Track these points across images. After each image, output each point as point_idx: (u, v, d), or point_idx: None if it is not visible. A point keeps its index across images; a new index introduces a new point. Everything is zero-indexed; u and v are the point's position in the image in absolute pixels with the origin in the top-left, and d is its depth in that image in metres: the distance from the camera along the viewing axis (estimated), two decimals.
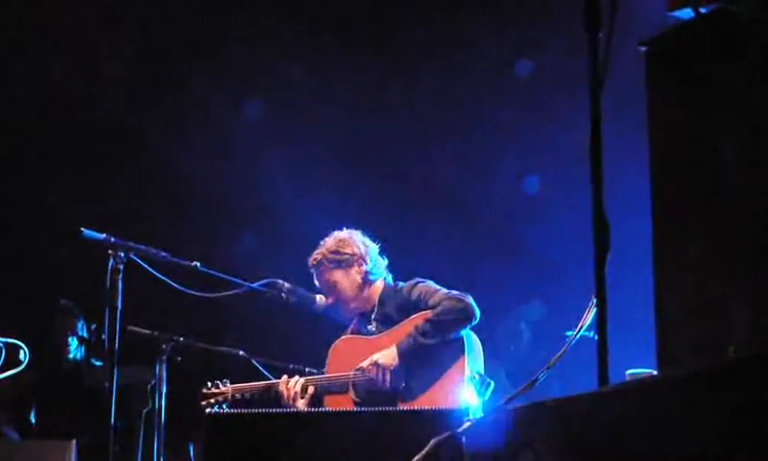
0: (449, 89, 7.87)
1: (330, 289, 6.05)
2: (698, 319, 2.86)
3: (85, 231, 5.60)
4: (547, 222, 7.38)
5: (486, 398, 5.61)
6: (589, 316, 3.46)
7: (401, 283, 6.04)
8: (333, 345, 5.99)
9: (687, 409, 2.37)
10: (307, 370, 6.01)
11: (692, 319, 2.87)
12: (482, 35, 7.74)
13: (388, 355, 5.73)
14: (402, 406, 5.64)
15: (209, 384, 6.05)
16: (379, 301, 6.02)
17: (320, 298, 6.07)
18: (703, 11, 2.99)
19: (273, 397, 5.91)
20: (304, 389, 5.86)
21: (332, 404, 5.78)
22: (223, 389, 6.03)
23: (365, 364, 5.76)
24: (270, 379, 5.99)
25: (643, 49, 3.04)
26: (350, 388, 5.81)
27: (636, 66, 3.05)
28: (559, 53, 7.06)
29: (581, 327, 3.69)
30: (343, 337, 6.04)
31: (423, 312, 5.76)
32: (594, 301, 2.99)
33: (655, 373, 3.06)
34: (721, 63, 2.91)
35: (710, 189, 2.88)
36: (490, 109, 7.79)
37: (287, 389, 5.84)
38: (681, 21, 3.04)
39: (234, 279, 6.01)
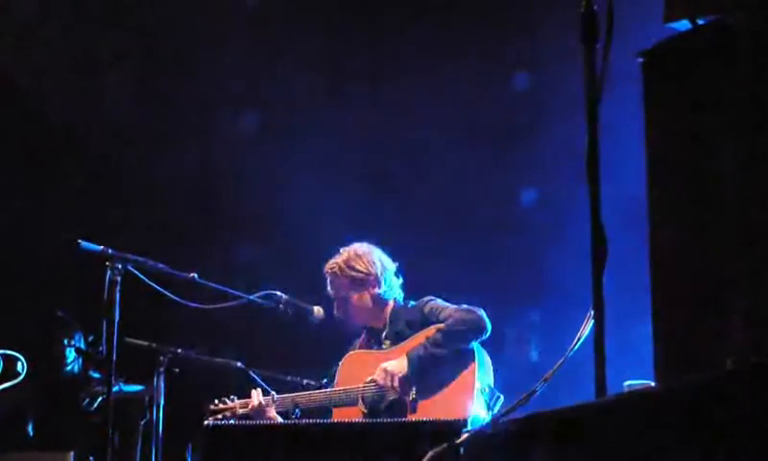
0: (445, 100, 7.86)
1: (341, 303, 6.06)
2: (696, 330, 2.85)
3: (83, 243, 5.59)
4: (547, 233, 7.37)
5: (495, 412, 5.60)
6: (587, 327, 3.45)
7: (412, 302, 6.04)
8: (343, 359, 5.99)
9: (686, 421, 2.36)
10: (305, 382, 6.01)
11: (690, 330, 2.86)
12: (479, 47, 7.74)
13: (398, 363, 5.73)
14: (411, 417, 5.63)
15: (216, 400, 6.04)
16: (390, 320, 6.01)
17: (317, 310, 6.05)
18: (700, 22, 2.99)
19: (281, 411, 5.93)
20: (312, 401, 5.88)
21: (341, 417, 5.76)
22: (230, 404, 6.02)
23: (375, 373, 5.75)
24: (268, 391, 5.97)
25: (641, 60, 3.05)
26: (360, 400, 5.80)
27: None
28: (557, 65, 7.05)
29: (579, 339, 3.69)
30: (352, 352, 6.03)
31: (436, 325, 5.75)
32: (592, 312, 2.98)
33: (653, 384, 3.05)
34: (718, 74, 2.91)
35: (708, 200, 2.88)
36: (486, 120, 7.78)
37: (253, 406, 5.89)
38: (677, 32, 3.05)
39: (232, 291, 6.00)
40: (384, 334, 6.00)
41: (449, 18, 7.84)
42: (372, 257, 6.06)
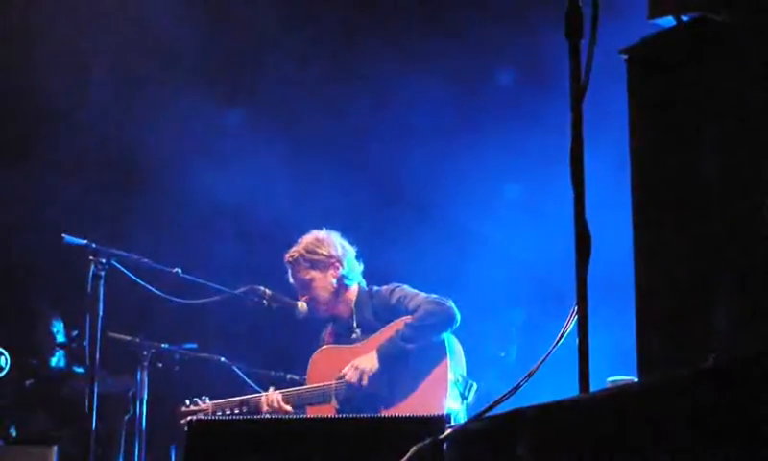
0: (428, 93, 7.86)
1: (305, 287, 6.04)
2: (678, 326, 2.86)
3: (67, 237, 5.58)
4: (529, 227, 7.37)
5: (470, 400, 5.61)
6: (571, 323, 3.46)
7: (376, 288, 6.03)
8: (313, 355, 5.97)
9: (668, 415, 2.37)
10: (288, 377, 6.00)
11: (672, 326, 2.87)
12: (463, 38, 7.74)
13: (368, 360, 5.72)
14: (385, 412, 5.62)
15: (188, 402, 6.02)
16: (356, 306, 6.01)
17: (301, 304, 6.04)
18: (684, 19, 3.00)
19: (252, 411, 5.89)
20: (286, 402, 5.87)
21: (315, 414, 5.76)
22: (202, 406, 6.00)
23: (346, 370, 5.75)
24: (251, 386, 5.97)
25: (625, 56, 3.05)
26: (333, 398, 5.80)
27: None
28: (541, 59, 7.05)
29: (563, 334, 3.69)
30: (323, 347, 6.03)
31: (404, 317, 5.75)
32: (575, 307, 2.98)
33: (635, 380, 3.06)
34: (702, 71, 2.91)
35: (691, 196, 2.89)
36: (471, 113, 7.78)
37: (268, 406, 5.84)
38: (662, 29, 3.05)
39: (216, 286, 5.99)
40: (354, 323, 5.99)
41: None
42: (331, 240, 6.08)
